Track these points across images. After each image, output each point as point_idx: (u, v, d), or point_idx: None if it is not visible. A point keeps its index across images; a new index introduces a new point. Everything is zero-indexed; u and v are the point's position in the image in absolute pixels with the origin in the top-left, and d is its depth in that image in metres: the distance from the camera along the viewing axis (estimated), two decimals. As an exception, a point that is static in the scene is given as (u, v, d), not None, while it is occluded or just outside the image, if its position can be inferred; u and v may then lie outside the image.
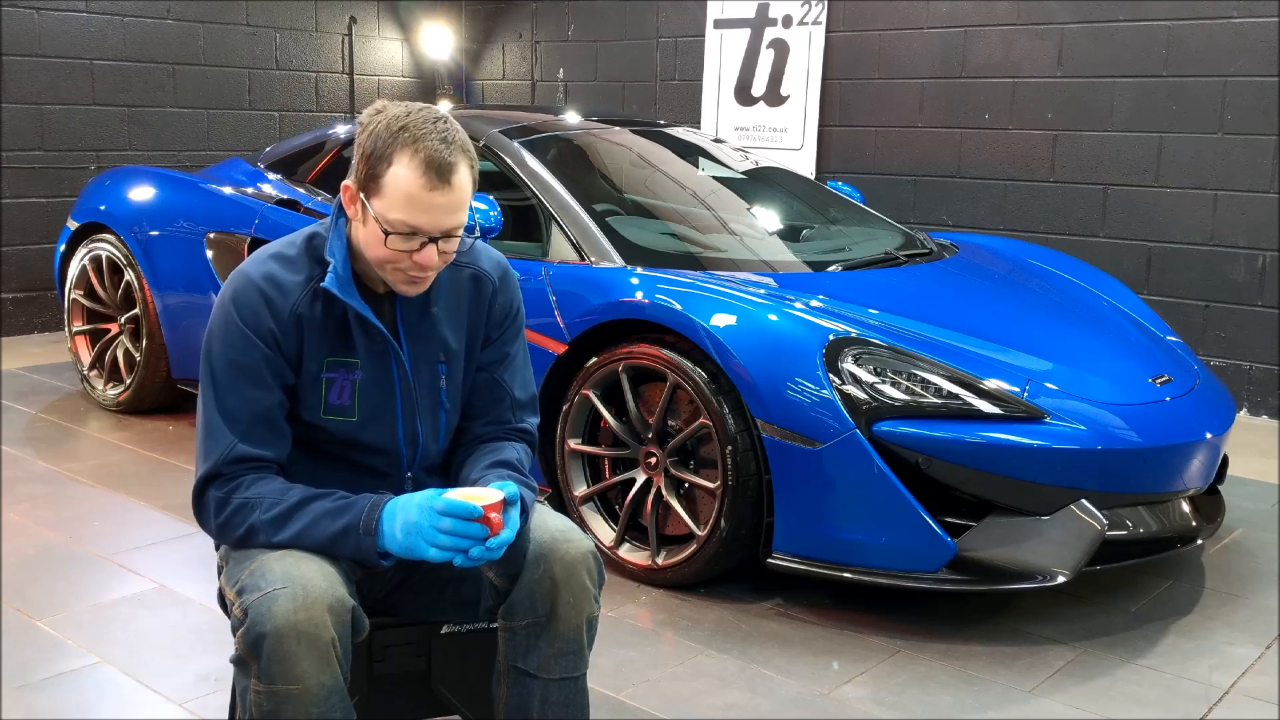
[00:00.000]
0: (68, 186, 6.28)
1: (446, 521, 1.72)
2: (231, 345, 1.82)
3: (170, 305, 4.62)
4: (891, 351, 3.04)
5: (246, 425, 1.82)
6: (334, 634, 1.69)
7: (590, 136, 4.44)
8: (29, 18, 6.12)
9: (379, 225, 1.78)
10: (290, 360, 1.86)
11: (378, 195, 1.78)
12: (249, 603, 1.70)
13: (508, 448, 2.00)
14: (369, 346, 1.90)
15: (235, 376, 1.82)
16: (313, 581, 1.71)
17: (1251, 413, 5.29)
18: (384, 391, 1.92)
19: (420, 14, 7.88)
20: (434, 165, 1.75)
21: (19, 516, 3.66)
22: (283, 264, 1.87)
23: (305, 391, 1.88)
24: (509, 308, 2.05)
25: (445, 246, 1.82)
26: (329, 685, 1.69)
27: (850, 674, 2.79)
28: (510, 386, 2.06)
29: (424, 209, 1.76)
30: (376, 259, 1.82)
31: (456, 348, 1.98)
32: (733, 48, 6.73)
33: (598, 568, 1.89)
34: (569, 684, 1.88)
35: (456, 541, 1.72)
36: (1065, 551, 2.91)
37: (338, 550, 1.78)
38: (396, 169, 1.76)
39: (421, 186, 1.75)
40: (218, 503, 1.82)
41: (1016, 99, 5.78)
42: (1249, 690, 2.77)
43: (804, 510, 2.99)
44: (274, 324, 1.83)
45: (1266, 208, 5.15)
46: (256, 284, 1.84)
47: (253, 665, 1.68)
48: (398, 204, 1.76)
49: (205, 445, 1.84)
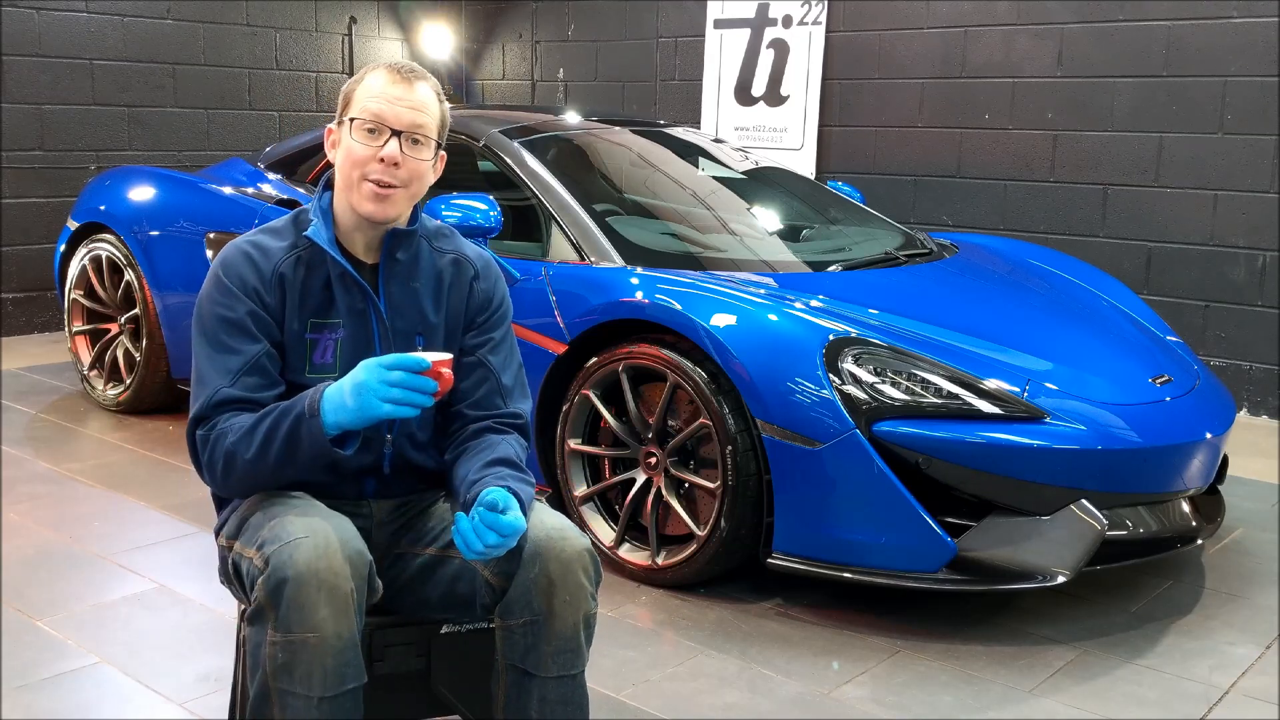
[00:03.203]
0: (68, 186, 6.28)
1: (395, 374, 1.77)
2: (218, 302, 1.93)
3: (170, 305, 4.62)
4: (891, 351, 3.04)
5: (235, 374, 1.90)
6: (352, 585, 1.73)
7: (590, 136, 4.44)
8: (29, 18, 6.12)
9: (349, 129, 1.94)
10: (275, 317, 1.95)
11: (349, 109, 1.97)
12: (270, 551, 1.73)
13: (503, 444, 2.00)
14: (349, 304, 1.97)
15: (223, 330, 1.92)
16: (334, 533, 1.76)
17: (1251, 413, 5.29)
18: (364, 349, 1.98)
19: (420, 14, 7.88)
20: (395, 68, 1.98)
21: (19, 516, 3.66)
22: (269, 233, 2.02)
23: (290, 353, 1.96)
24: (490, 294, 2.10)
25: (410, 150, 1.94)
26: (345, 638, 1.72)
27: (850, 674, 2.79)
28: (498, 371, 2.08)
29: (388, 100, 1.94)
30: (347, 176, 1.94)
31: (435, 321, 2.04)
32: (733, 48, 6.73)
33: (594, 565, 1.89)
34: (567, 682, 1.88)
35: (407, 395, 1.77)
36: (1065, 551, 2.91)
37: (298, 449, 1.81)
38: (364, 82, 1.97)
39: (385, 82, 1.95)
40: (200, 441, 1.90)
41: (1016, 99, 5.79)
42: (1249, 690, 2.77)
43: (804, 510, 2.99)
44: (258, 282, 1.94)
45: (1266, 208, 5.15)
46: (242, 249, 1.98)
47: (270, 615, 1.70)
48: (363, 101, 1.95)
49: (194, 392, 1.94)
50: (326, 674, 1.70)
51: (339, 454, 1.82)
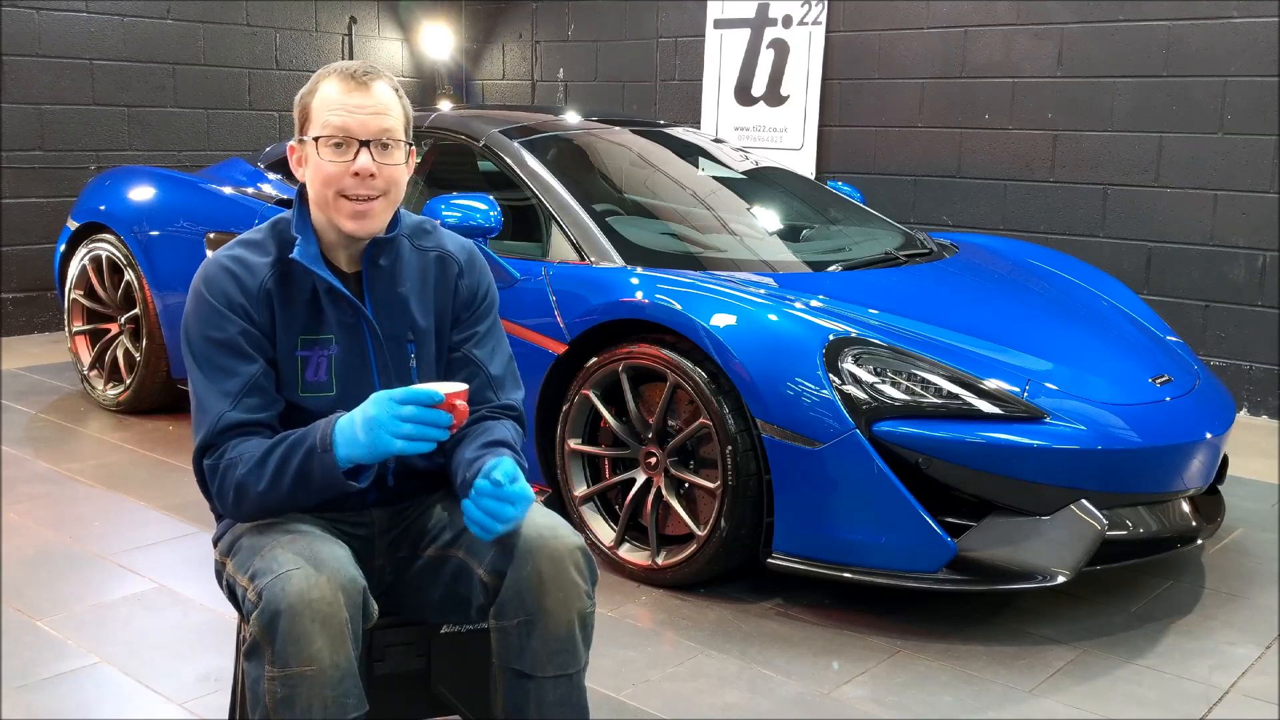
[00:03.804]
0: (68, 186, 6.28)
1: (407, 409, 1.74)
2: (206, 322, 1.88)
3: (170, 305, 4.62)
4: (891, 351, 3.04)
5: (234, 396, 1.86)
6: (347, 614, 1.71)
7: (590, 136, 4.44)
8: (29, 18, 6.12)
9: (314, 147, 1.88)
10: (265, 333, 1.91)
11: (309, 125, 1.90)
12: (263, 585, 1.71)
13: (498, 426, 1.99)
14: (340, 319, 1.94)
15: (214, 351, 1.87)
16: (325, 563, 1.73)
17: (1251, 413, 5.29)
18: (359, 364, 1.95)
19: (420, 14, 7.88)
20: (348, 74, 1.90)
21: (19, 516, 3.66)
22: (248, 247, 1.95)
23: (283, 370, 1.93)
24: (476, 288, 2.07)
25: (381, 156, 1.88)
26: (343, 667, 1.70)
27: (850, 674, 2.79)
28: (485, 363, 2.06)
29: (348, 110, 1.87)
30: (321, 195, 1.89)
31: (425, 326, 2.01)
32: (733, 48, 6.73)
33: (587, 563, 1.87)
34: (564, 682, 1.85)
35: (420, 430, 1.74)
36: (1065, 551, 2.91)
37: (310, 480, 1.79)
38: (319, 94, 1.90)
39: (340, 92, 1.88)
40: (210, 471, 1.86)
41: (1016, 99, 5.79)
42: (1249, 690, 2.77)
43: (804, 510, 2.99)
44: (244, 299, 1.89)
45: (1266, 208, 5.15)
46: (224, 265, 1.91)
47: (266, 649, 1.68)
48: (323, 115, 1.88)
49: (196, 420, 1.89)
50: (327, 705, 1.69)
51: (353, 486, 1.81)
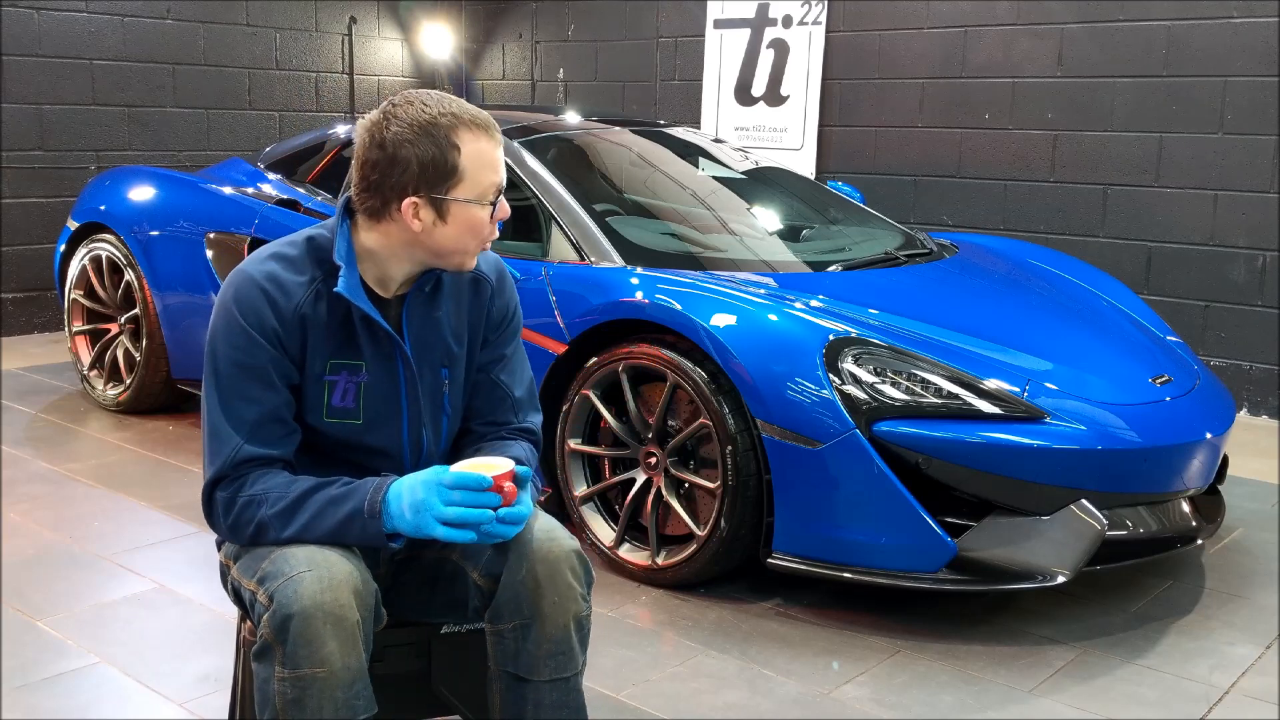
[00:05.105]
0: (68, 186, 6.29)
1: (456, 494, 1.71)
2: (236, 346, 1.80)
3: (170, 305, 4.62)
4: (891, 351, 3.04)
5: (252, 426, 1.80)
6: (359, 616, 1.70)
7: (590, 136, 4.44)
8: (29, 18, 6.12)
9: (475, 207, 1.82)
10: (294, 360, 1.84)
11: (460, 183, 1.81)
12: (274, 588, 1.70)
13: (513, 445, 2.00)
14: (375, 349, 1.89)
15: (240, 378, 1.80)
16: (337, 564, 1.72)
17: (1251, 413, 5.29)
18: (390, 394, 1.91)
19: (420, 14, 7.88)
20: (483, 125, 1.84)
21: (19, 516, 3.66)
22: (284, 264, 1.85)
23: (308, 394, 1.88)
24: (506, 309, 2.05)
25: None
26: (354, 670, 1.69)
27: (850, 674, 2.79)
28: (510, 386, 2.05)
29: (496, 166, 1.86)
30: (461, 244, 1.84)
31: (459, 351, 1.98)
32: (733, 48, 6.73)
33: (583, 566, 1.87)
34: (561, 685, 1.85)
35: (468, 514, 1.71)
36: (1065, 551, 2.91)
37: (346, 537, 1.77)
38: (466, 149, 1.81)
39: (491, 147, 1.84)
40: (225, 503, 1.80)
41: (1016, 99, 5.78)
42: (1249, 690, 2.77)
43: (804, 510, 2.99)
44: (278, 323, 1.81)
45: (1266, 208, 5.15)
46: (259, 283, 1.82)
47: (277, 651, 1.68)
48: (483, 172, 1.83)
49: (211, 448, 1.82)
50: (337, 707, 1.68)
51: (392, 547, 1.79)
